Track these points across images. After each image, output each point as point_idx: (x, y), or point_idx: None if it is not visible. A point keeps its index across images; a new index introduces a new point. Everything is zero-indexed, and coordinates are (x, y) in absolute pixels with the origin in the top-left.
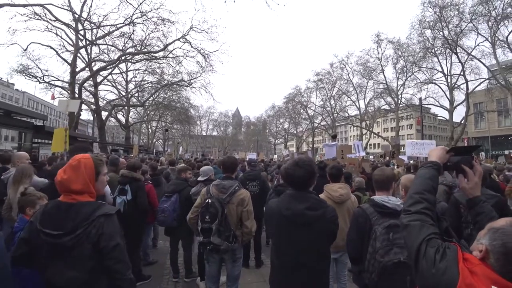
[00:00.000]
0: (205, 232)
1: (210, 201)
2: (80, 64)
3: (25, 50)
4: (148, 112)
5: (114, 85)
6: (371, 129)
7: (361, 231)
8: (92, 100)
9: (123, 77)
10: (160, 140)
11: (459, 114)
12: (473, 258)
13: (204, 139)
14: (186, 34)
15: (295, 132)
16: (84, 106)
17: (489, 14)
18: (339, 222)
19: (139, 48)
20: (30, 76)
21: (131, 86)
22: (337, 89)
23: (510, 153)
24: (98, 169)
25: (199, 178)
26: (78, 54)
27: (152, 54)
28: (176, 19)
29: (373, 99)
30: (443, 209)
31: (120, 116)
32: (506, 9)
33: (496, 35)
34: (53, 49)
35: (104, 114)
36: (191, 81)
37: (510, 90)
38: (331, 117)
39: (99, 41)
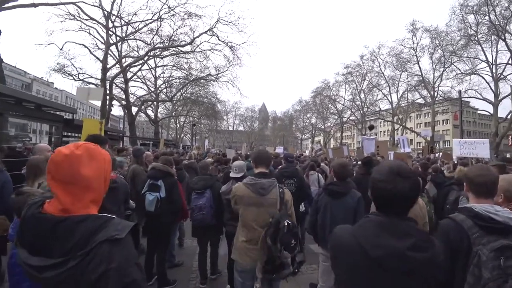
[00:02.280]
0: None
1: (288, 222)
2: (111, 62)
3: (61, 49)
4: (176, 107)
5: (144, 81)
6: (403, 124)
7: (454, 251)
8: (123, 96)
9: (152, 73)
10: (188, 135)
11: (504, 108)
12: None
13: (230, 134)
14: (213, 26)
15: (322, 127)
16: (115, 102)
17: None
18: None
19: (167, 44)
20: (67, 74)
21: (159, 82)
22: (367, 82)
23: None
24: (114, 164)
25: (232, 174)
26: (109, 52)
27: (180, 48)
28: (203, 13)
29: (406, 92)
30: None
31: (149, 112)
32: None
33: None
34: (86, 47)
35: (134, 109)
36: (218, 75)
37: None
38: (361, 112)
39: (128, 38)
